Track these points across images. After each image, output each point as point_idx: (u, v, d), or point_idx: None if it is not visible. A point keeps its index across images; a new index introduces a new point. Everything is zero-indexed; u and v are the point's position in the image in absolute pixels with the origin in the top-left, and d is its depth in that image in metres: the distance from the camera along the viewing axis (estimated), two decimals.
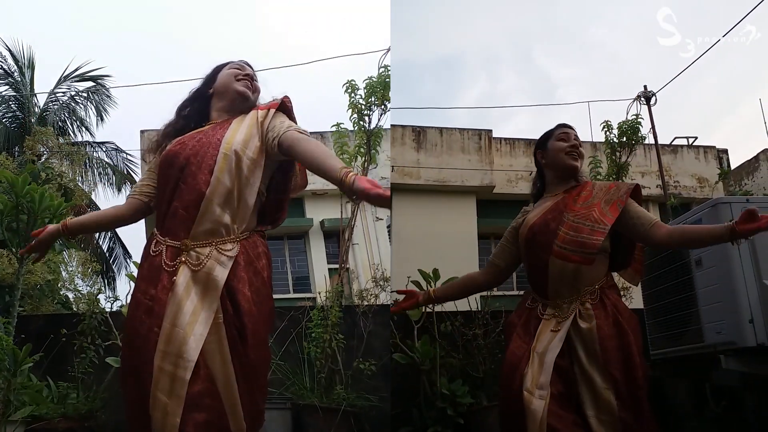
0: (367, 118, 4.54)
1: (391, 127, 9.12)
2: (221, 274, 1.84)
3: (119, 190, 11.80)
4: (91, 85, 11.99)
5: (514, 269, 2.37)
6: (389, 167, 8.43)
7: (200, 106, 2.13)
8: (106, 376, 3.62)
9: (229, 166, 1.89)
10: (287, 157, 1.94)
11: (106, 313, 3.88)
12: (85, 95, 11.89)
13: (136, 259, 8.58)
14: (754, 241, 2.72)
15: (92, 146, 11.82)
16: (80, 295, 4.70)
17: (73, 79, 11.89)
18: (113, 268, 11.61)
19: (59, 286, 5.58)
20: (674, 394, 3.69)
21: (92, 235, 10.21)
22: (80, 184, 9.34)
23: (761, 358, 2.70)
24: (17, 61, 11.45)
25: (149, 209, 2.11)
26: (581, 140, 2.30)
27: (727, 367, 2.79)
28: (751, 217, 1.82)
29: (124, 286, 11.79)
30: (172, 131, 2.08)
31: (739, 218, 1.84)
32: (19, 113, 11.36)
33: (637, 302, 3.83)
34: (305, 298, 8.72)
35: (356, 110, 4.51)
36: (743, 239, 1.86)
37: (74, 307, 5.30)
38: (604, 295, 2.08)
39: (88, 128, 11.95)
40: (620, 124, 5.38)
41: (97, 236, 10.83)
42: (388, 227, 9.68)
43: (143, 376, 1.76)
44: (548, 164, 2.30)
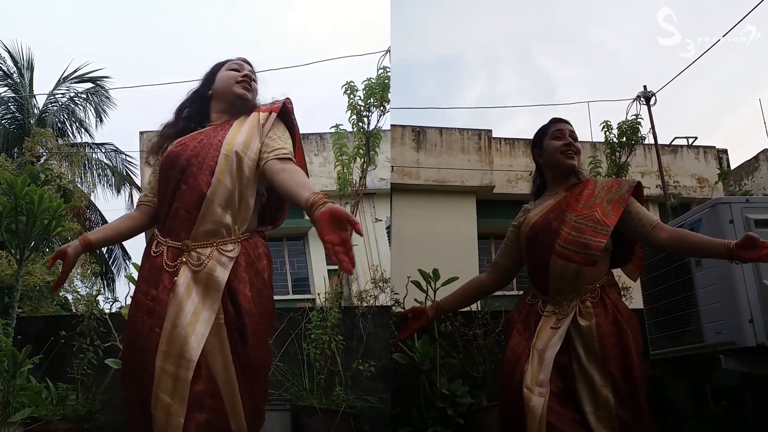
0: (366, 119, 4.54)
1: (391, 127, 9.11)
2: (222, 274, 1.84)
3: (118, 191, 11.82)
4: (90, 86, 11.99)
5: (519, 268, 2.35)
6: (388, 168, 8.42)
7: (200, 107, 2.13)
8: (105, 377, 3.61)
9: (230, 167, 1.90)
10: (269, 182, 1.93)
11: (105, 314, 3.87)
12: (84, 96, 11.88)
13: (135, 260, 8.54)
14: None
15: (91, 147, 11.83)
16: (79, 296, 4.69)
17: (72, 80, 11.89)
18: (112, 269, 11.60)
19: None
20: (674, 394, 3.68)
21: None
22: (79, 185, 9.33)
23: (761, 358, 2.69)
24: (16, 62, 11.45)
25: None
26: (581, 140, 2.28)
27: (727, 367, 2.78)
28: (751, 243, 1.82)
29: (123, 287, 11.79)
30: (173, 132, 2.08)
31: (739, 241, 1.84)
32: (18, 114, 11.35)
33: (637, 302, 3.82)
34: (304, 299, 8.70)
35: (355, 111, 4.51)
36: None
37: (73, 308, 5.30)
38: (604, 293, 2.08)
39: (87, 129, 11.96)
40: (620, 124, 5.38)
41: None
42: (387, 228, 9.67)
43: (144, 376, 1.76)
44: (546, 164, 2.29)
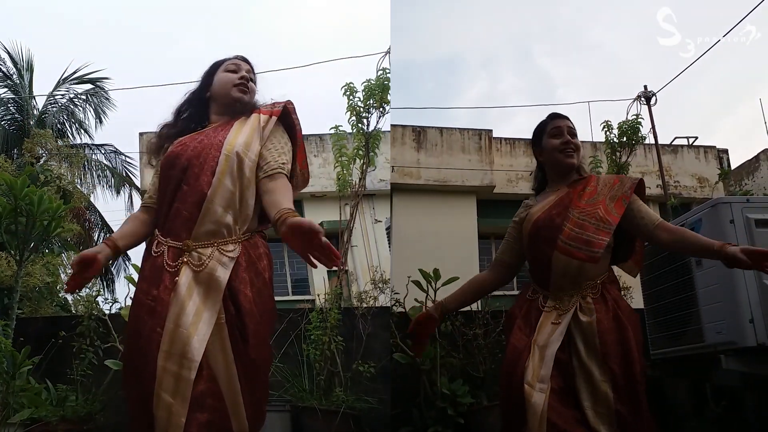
0: (365, 120, 4.54)
1: (391, 127, 9.10)
2: (223, 274, 1.84)
3: (118, 192, 11.83)
4: (90, 87, 11.99)
5: (521, 264, 2.34)
6: (388, 169, 8.42)
7: (199, 108, 2.14)
8: (104, 378, 3.61)
9: (230, 167, 1.91)
10: None
11: (105, 315, 3.87)
12: (83, 97, 11.89)
13: (134, 261, 8.54)
14: (754, 240, 2.71)
15: (91, 148, 11.83)
16: (79, 297, 4.68)
17: (71, 81, 11.88)
18: (112, 270, 11.59)
19: (58, 288, 5.56)
20: (674, 394, 3.68)
21: (91, 237, 10.21)
22: (79, 186, 9.34)
23: (761, 358, 2.69)
24: (16, 63, 11.45)
25: None
26: (581, 140, 2.28)
27: (727, 367, 2.77)
28: (751, 255, 1.83)
29: (122, 288, 11.79)
30: (173, 133, 2.08)
31: (740, 249, 1.85)
32: (17, 115, 11.35)
33: (637, 302, 3.82)
34: (304, 300, 8.68)
35: (354, 113, 4.51)
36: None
37: (73, 309, 5.29)
38: (605, 289, 2.08)
39: (86, 130, 11.97)
40: (620, 124, 5.38)
41: (96, 238, 10.82)
42: (387, 229, 9.66)
43: (146, 376, 1.76)
44: (546, 162, 2.29)
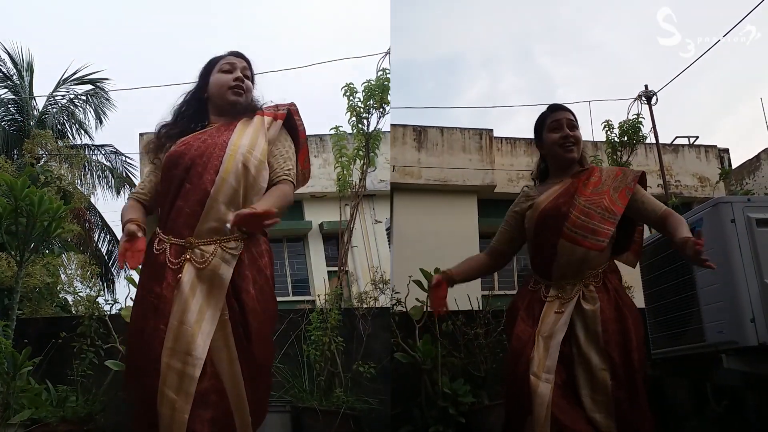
0: (365, 121, 4.54)
1: (392, 126, 9.11)
2: (227, 272, 1.86)
3: (118, 192, 11.81)
4: (90, 88, 11.98)
5: (515, 252, 2.39)
6: (388, 170, 8.42)
7: (197, 108, 2.16)
8: (105, 379, 3.60)
9: (235, 167, 1.94)
10: None
11: (105, 315, 3.86)
12: (84, 98, 11.88)
13: None
14: (755, 240, 2.71)
15: (91, 149, 11.82)
16: (79, 297, 4.68)
17: (72, 82, 11.88)
18: (112, 271, 11.58)
19: (58, 288, 5.55)
20: (675, 393, 3.67)
21: (91, 237, 10.21)
22: (79, 187, 9.32)
23: (763, 357, 2.68)
24: (16, 64, 11.44)
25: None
26: (582, 139, 2.30)
27: (728, 366, 2.77)
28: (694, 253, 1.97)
29: (123, 289, 11.78)
30: (175, 133, 2.10)
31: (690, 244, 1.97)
32: (18, 116, 11.35)
33: (638, 301, 3.80)
34: (304, 300, 8.68)
35: (355, 113, 4.51)
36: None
37: (73, 310, 5.28)
38: (606, 278, 2.12)
39: (87, 131, 11.96)
40: (621, 123, 5.39)
41: (96, 239, 10.82)
42: (387, 230, 9.66)
43: (150, 373, 1.78)
44: (547, 155, 2.33)
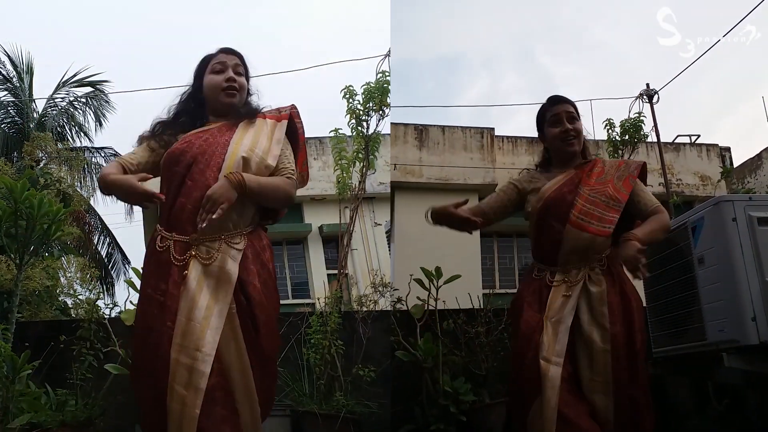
0: (365, 123, 4.54)
1: (392, 125, 9.12)
2: (233, 268, 1.88)
3: None
4: (89, 90, 12.00)
5: (495, 221, 2.37)
6: (388, 173, 8.43)
7: (196, 108, 2.18)
8: (104, 383, 3.59)
9: (237, 165, 1.96)
10: None
11: (104, 318, 3.85)
12: (83, 101, 11.90)
13: (134, 265, 8.55)
14: (756, 238, 2.70)
15: (91, 151, 11.81)
16: (79, 300, 4.67)
17: (71, 84, 11.89)
18: (112, 274, 11.58)
19: (58, 292, 5.55)
20: (676, 392, 3.66)
21: (91, 240, 10.21)
22: (79, 189, 9.34)
23: (764, 355, 2.68)
24: (16, 66, 11.46)
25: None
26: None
27: (729, 365, 2.77)
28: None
29: (122, 292, 11.78)
30: (178, 129, 2.11)
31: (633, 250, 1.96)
32: (17, 118, 11.36)
33: None
34: (304, 303, 8.66)
35: (354, 116, 4.51)
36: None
37: (73, 313, 5.28)
38: (610, 263, 2.16)
39: (86, 133, 11.98)
40: (623, 122, 5.39)
41: (96, 242, 10.81)
42: (386, 232, 9.64)
43: (159, 369, 1.79)
44: (549, 148, 2.38)
